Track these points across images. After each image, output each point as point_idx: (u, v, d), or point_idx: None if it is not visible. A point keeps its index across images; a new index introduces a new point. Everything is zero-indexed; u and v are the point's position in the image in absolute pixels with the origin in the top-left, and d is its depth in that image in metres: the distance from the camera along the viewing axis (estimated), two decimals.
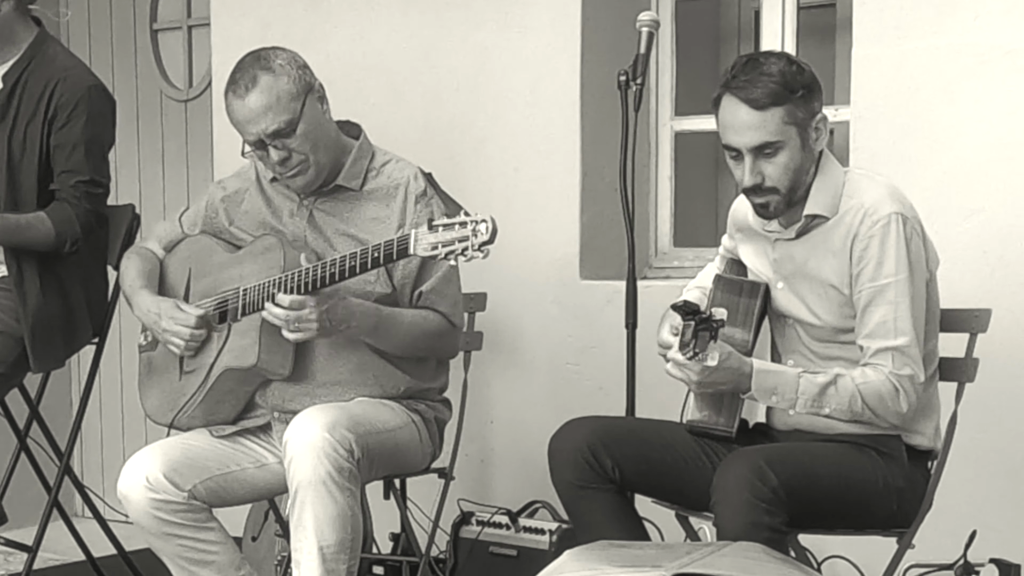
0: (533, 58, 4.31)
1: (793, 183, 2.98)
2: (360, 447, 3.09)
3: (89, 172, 3.67)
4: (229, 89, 3.23)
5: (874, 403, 2.92)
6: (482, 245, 2.89)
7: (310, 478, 3.03)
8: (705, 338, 2.78)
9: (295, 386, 3.29)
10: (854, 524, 3.02)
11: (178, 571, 3.27)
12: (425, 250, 2.94)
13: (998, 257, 3.60)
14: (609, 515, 3.06)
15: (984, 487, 3.60)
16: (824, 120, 2.99)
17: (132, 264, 3.50)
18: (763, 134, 2.93)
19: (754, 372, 2.93)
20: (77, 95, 3.66)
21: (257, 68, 3.20)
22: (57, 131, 3.66)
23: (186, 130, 5.50)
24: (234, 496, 3.32)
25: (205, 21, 5.17)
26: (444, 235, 2.92)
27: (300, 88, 3.21)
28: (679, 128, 4.36)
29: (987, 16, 3.61)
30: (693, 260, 4.25)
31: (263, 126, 3.18)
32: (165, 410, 3.42)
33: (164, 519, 3.20)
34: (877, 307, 2.94)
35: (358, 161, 3.34)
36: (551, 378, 4.32)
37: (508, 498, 4.18)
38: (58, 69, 3.69)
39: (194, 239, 3.47)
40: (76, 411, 3.99)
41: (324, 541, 3.06)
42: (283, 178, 3.29)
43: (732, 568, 2.51)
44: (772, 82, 2.91)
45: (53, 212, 3.65)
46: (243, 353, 3.25)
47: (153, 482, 3.19)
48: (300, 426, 3.07)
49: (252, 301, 3.22)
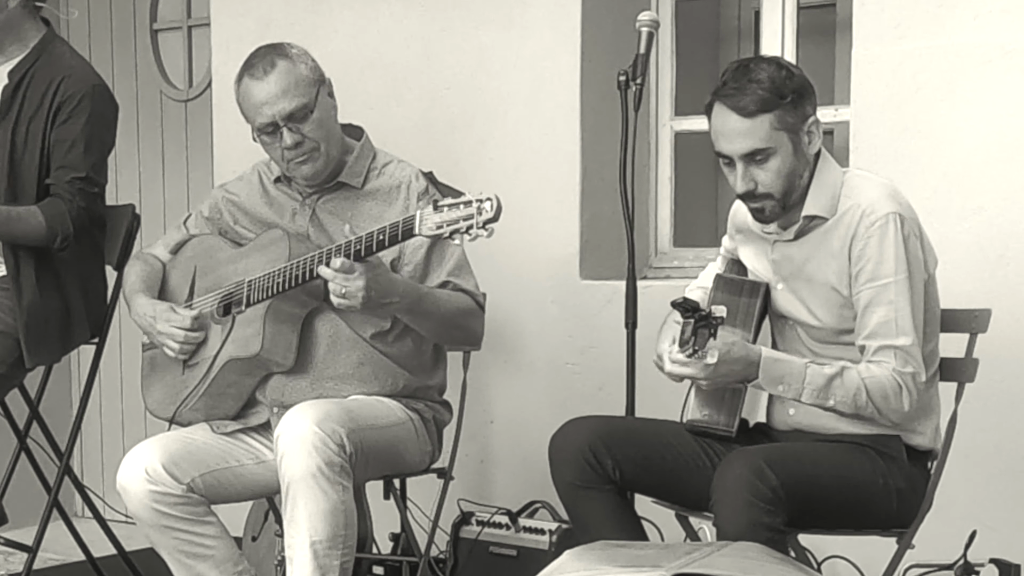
0: (533, 58, 4.31)
1: (787, 188, 2.98)
2: (352, 442, 3.10)
3: (85, 169, 3.67)
4: (245, 73, 3.28)
5: (878, 398, 2.92)
6: (486, 223, 2.91)
7: (301, 472, 3.04)
8: (704, 335, 2.78)
9: (295, 380, 3.31)
10: (854, 524, 3.02)
11: (175, 565, 3.26)
12: (431, 229, 2.96)
13: (998, 257, 3.60)
14: (609, 515, 3.06)
15: (984, 487, 3.60)
16: (817, 124, 2.99)
17: (134, 269, 3.53)
18: (753, 141, 2.93)
19: (762, 360, 2.93)
20: (80, 92, 3.67)
21: (274, 54, 3.27)
22: (58, 127, 3.66)
23: (186, 130, 5.50)
24: (233, 491, 3.32)
25: (205, 21, 5.17)
26: (449, 215, 2.94)
27: (316, 77, 3.29)
28: (679, 128, 4.36)
29: (987, 16, 3.61)
30: (693, 260, 4.25)
31: (280, 107, 3.23)
32: (167, 404, 3.43)
33: (162, 511, 3.20)
34: (877, 307, 2.94)
35: (360, 160, 3.38)
36: (551, 378, 4.32)
37: (508, 498, 4.18)
38: (63, 67, 3.70)
39: (199, 239, 3.50)
40: (76, 411, 3.99)
41: (316, 536, 3.06)
42: (291, 164, 3.31)
43: (732, 568, 2.51)
44: (760, 89, 2.91)
45: (46, 207, 3.64)
46: (247, 343, 3.27)
47: (152, 474, 3.19)
48: (290, 421, 3.09)
49: (257, 291, 3.25)
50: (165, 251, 3.56)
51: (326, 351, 3.31)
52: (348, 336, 3.31)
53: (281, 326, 3.25)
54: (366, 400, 3.28)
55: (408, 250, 3.30)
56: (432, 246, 3.30)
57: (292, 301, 3.27)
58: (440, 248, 3.31)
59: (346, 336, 3.31)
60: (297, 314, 3.29)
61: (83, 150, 3.67)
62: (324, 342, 3.30)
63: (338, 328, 3.31)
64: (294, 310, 3.29)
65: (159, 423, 3.49)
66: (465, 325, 3.34)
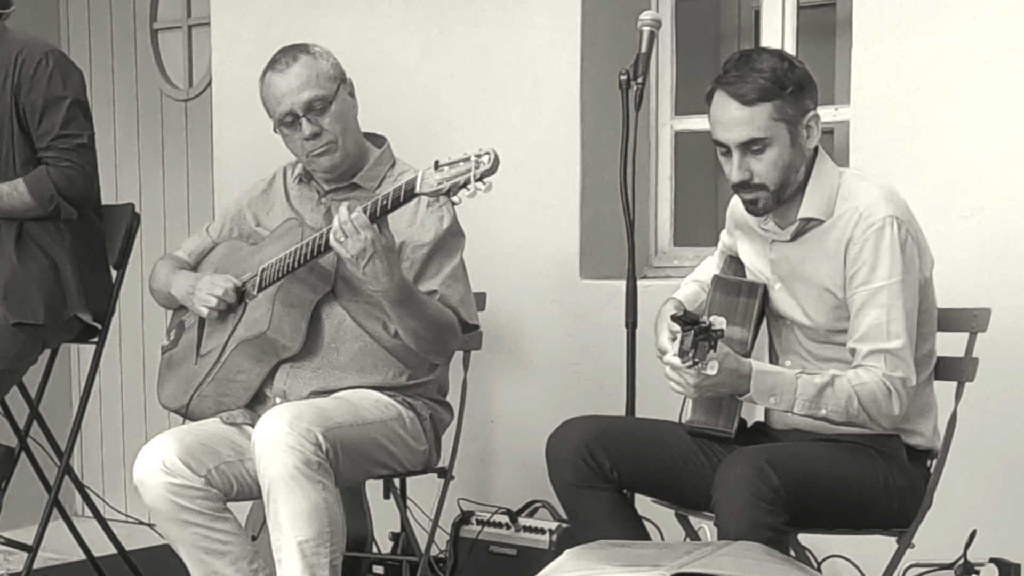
0: (533, 58, 4.31)
1: (782, 180, 2.97)
2: (328, 440, 3.11)
3: (60, 128, 3.69)
4: (268, 69, 3.39)
5: (869, 405, 2.91)
6: (484, 175, 2.95)
7: (279, 473, 3.05)
8: (704, 348, 2.76)
9: (298, 368, 3.36)
10: (854, 524, 3.02)
11: (192, 561, 3.26)
12: (431, 187, 3.01)
13: (998, 257, 3.60)
14: (608, 515, 3.06)
15: (984, 487, 3.60)
16: (816, 118, 2.98)
17: (165, 264, 3.60)
18: (751, 130, 2.92)
19: (753, 373, 2.91)
20: (37, 58, 3.70)
21: (298, 51, 3.39)
22: (23, 99, 3.69)
23: (186, 130, 5.50)
24: (245, 486, 3.30)
25: (205, 21, 5.17)
26: (449, 172, 3.00)
27: (337, 74, 3.40)
28: (679, 128, 4.36)
29: (987, 16, 3.61)
30: (693, 260, 4.24)
31: (300, 97, 3.32)
32: (180, 394, 3.49)
33: (181, 504, 3.20)
34: (870, 310, 2.93)
35: (377, 166, 3.46)
36: (551, 378, 4.32)
37: (508, 498, 4.18)
38: (17, 44, 3.73)
39: (222, 245, 3.57)
40: (76, 411, 4.00)
41: (301, 536, 3.08)
42: (310, 156, 3.37)
43: (732, 568, 2.51)
44: (762, 78, 2.91)
45: (28, 176, 3.69)
46: (255, 323, 3.34)
47: (170, 466, 3.19)
48: (264, 424, 3.11)
49: (270, 275, 3.32)
50: (188, 256, 3.62)
51: (330, 340, 3.35)
52: (351, 327, 3.35)
53: (290, 309, 3.32)
54: (351, 397, 3.31)
55: (409, 247, 3.33)
56: (433, 251, 3.34)
57: (303, 284, 3.33)
58: (440, 255, 3.35)
59: (350, 327, 3.35)
60: (308, 299, 3.34)
61: (53, 111, 3.69)
62: (329, 332, 3.36)
63: (343, 319, 3.35)
64: (305, 294, 3.33)
65: (160, 422, 3.50)
66: (440, 339, 3.35)
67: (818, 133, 2.98)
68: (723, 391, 2.94)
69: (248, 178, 3.81)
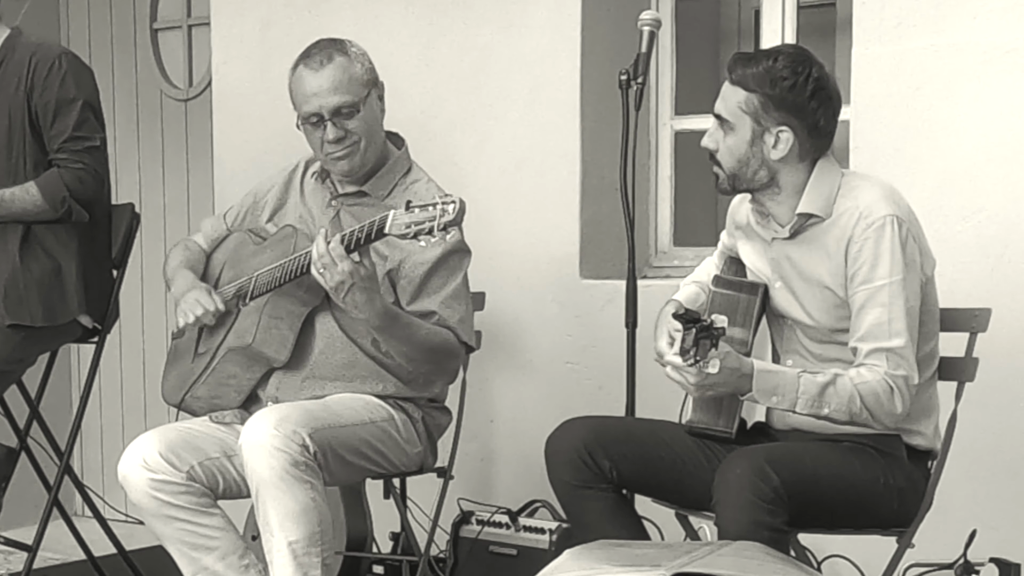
0: (533, 58, 4.31)
1: (735, 170, 3.02)
2: (315, 441, 3.11)
3: (72, 130, 3.69)
4: (301, 62, 3.34)
5: (871, 403, 2.91)
6: (447, 224, 2.93)
7: (266, 476, 3.06)
8: (706, 346, 2.76)
9: (289, 377, 3.35)
10: (854, 523, 3.02)
11: (180, 557, 3.26)
12: (399, 229, 2.98)
13: (998, 257, 3.60)
14: (607, 515, 3.06)
15: (984, 487, 3.60)
16: (787, 138, 2.96)
17: (177, 255, 3.59)
18: (722, 105, 3.00)
19: (755, 372, 2.91)
20: (49, 60, 3.70)
21: (333, 49, 3.34)
22: (36, 101, 3.69)
23: (186, 130, 5.50)
24: (232, 483, 3.31)
25: (205, 20, 5.17)
26: (418, 215, 2.97)
27: (370, 78, 3.35)
28: (679, 128, 4.36)
29: (987, 16, 3.61)
30: (693, 259, 4.24)
31: (329, 100, 3.29)
32: (177, 390, 3.51)
33: (164, 500, 3.21)
34: (871, 309, 2.93)
35: (389, 173, 3.43)
36: (551, 378, 4.32)
37: (508, 497, 4.18)
38: (31, 46, 3.74)
39: (233, 235, 3.56)
40: (76, 411, 3.99)
41: (291, 537, 3.08)
42: (329, 158, 3.35)
43: (732, 568, 2.51)
44: (761, 69, 2.93)
45: (40, 179, 3.68)
46: (244, 333, 3.33)
47: (151, 463, 3.21)
48: (250, 427, 3.11)
49: (261, 285, 3.31)
50: (205, 242, 3.62)
51: (320, 351, 3.34)
52: (342, 339, 3.34)
53: (278, 321, 3.31)
54: (338, 399, 3.31)
55: (408, 265, 3.31)
56: (432, 270, 3.31)
57: (291, 298, 3.31)
58: (442, 273, 3.32)
59: (340, 339, 3.34)
60: (296, 312, 3.32)
61: (66, 113, 3.69)
62: (320, 342, 3.34)
63: (333, 331, 3.34)
64: (293, 307, 3.32)
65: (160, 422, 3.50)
66: (434, 361, 3.34)
67: (785, 151, 2.97)
68: (725, 390, 2.94)
69: (248, 178, 3.81)
